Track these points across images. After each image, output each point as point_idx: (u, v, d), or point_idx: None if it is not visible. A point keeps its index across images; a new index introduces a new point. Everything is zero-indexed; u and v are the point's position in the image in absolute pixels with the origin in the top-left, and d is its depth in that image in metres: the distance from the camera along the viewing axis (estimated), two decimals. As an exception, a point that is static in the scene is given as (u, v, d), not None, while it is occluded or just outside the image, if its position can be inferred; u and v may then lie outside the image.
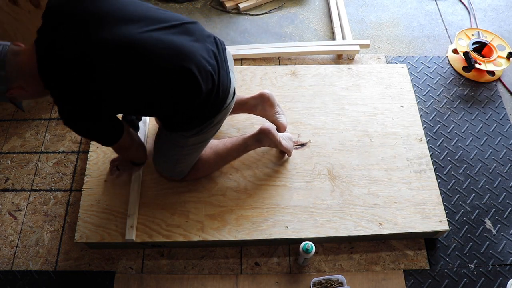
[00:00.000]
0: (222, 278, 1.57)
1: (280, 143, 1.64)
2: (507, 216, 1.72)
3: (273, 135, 1.61)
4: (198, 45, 1.27)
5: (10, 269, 1.60)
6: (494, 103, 2.04)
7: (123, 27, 1.15)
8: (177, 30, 1.24)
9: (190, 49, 1.23)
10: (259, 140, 1.62)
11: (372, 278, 1.57)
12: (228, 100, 1.39)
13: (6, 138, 1.91)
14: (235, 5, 2.45)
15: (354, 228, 1.57)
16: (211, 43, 1.33)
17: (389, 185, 1.68)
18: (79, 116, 1.19)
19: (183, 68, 1.20)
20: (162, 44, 1.18)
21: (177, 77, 1.21)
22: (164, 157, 1.55)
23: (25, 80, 1.14)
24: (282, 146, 1.66)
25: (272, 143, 1.63)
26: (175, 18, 1.27)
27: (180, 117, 1.34)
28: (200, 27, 1.34)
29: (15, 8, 1.69)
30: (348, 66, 2.05)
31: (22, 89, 1.15)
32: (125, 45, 1.14)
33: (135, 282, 1.56)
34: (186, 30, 1.26)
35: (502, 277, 1.58)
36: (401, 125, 1.84)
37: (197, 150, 1.51)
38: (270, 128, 1.60)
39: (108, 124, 1.29)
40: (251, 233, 1.56)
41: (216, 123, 1.43)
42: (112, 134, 1.31)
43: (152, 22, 1.21)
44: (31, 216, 1.71)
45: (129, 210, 1.58)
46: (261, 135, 1.60)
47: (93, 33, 1.12)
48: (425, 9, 2.46)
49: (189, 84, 1.23)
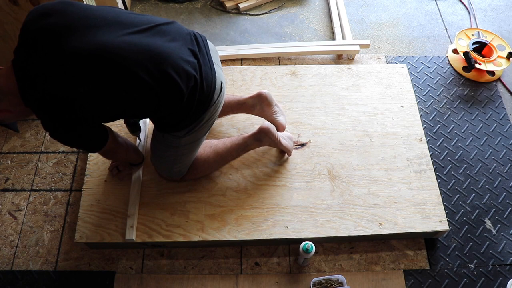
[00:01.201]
0: (222, 278, 1.57)
1: (280, 142, 1.64)
2: (507, 216, 1.72)
3: (272, 134, 1.60)
4: (174, 44, 1.25)
5: (10, 269, 1.60)
6: (494, 103, 2.04)
7: (95, 34, 1.14)
8: (150, 32, 1.23)
9: (166, 50, 1.22)
10: (259, 139, 1.61)
11: (372, 278, 1.57)
12: (216, 96, 1.37)
13: (6, 138, 1.91)
14: (235, 5, 2.45)
15: (354, 228, 1.57)
16: (189, 40, 1.31)
17: (389, 185, 1.68)
18: (63, 128, 1.19)
19: (160, 72, 1.19)
20: (136, 48, 1.17)
21: (156, 83, 1.20)
22: (160, 158, 1.55)
23: (9, 101, 1.14)
24: (282, 145, 1.66)
25: (272, 142, 1.63)
26: (149, 21, 1.25)
27: (167, 119, 1.34)
28: (177, 26, 1.32)
29: (15, 8, 1.69)
30: (348, 66, 2.05)
31: (8, 111, 1.16)
32: (98, 52, 1.13)
33: (135, 282, 1.56)
34: (160, 31, 1.25)
35: (502, 277, 1.58)
36: (401, 125, 1.84)
37: (192, 149, 1.51)
38: (269, 127, 1.60)
39: (92, 132, 1.28)
40: (251, 233, 1.56)
41: (207, 120, 1.42)
42: (97, 141, 1.31)
43: (125, 26, 1.19)
44: (31, 216, 1.71)
45: (129, 210, 1.58)
46: (261, 134, 1.60)
47: (64, 44, 1.11)
48: (425, 9, 2.46)
49: (169, 88, 1.22)
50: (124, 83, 1.17)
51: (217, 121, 1.81)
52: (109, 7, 1.26)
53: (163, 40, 1.23)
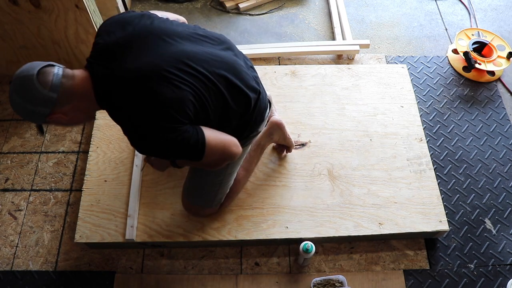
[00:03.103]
0: (222, 278, 1.57)
1: (288, 135, 1.67)
2: (507, 216, 1.72)
3: (283, 126, 1.63)
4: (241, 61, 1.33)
5: (10, 269, 1.60)
6: (494, 103, 2.04)
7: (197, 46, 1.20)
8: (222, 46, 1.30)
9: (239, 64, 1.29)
10: (271, 134, 1.63)
11: (372, 278, 1.57)
12: (267, 111, 1.42)
13: (6, 138, 1.91)
14: (235, 5, 2.44)
15: (354, 228, 1.57)
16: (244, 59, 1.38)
17: (389, 185, 1.68)
18: (156, 133, 1.09)
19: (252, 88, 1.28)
20: (219, 58, 1.22)
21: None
22: (203, 189, 1.48)
23: (74, 106, 1.11)
24: (288, 139, 1.68)
25: (282, 135, 1.65)
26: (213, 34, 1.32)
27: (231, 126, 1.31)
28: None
29: (15, 8, 1.69)
30: (348, 66, 2.05)
31: (64, 116, 1.11)
32: (219, 59, 1.20)
33: (135, 282, 1.56)
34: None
35: (502, 277, 1.58)
36: (401, 125, 1.84)
37: (237, 168, 1.51)
38: (280, 120, 1.63)
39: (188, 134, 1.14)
40: (251, 233, 1.56)
41: (255, 135, 1.44)
42: (194, 144, 1.15)
43: (204, 40, 1.24)
44: (31, 216, 1.71)
45: (129, 210, 1.58)
46: (272, 128, 1.62)
47: (163, 47, 1.14)
48: (425, 9, 2.46)
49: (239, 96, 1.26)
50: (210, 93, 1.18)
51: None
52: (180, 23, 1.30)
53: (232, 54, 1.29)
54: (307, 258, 1.52)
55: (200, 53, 1.19)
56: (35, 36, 1.84)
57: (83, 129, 1.93)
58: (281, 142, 1.70)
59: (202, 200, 1.51)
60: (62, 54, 1.94)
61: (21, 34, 1.83)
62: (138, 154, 1.71)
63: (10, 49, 1.92)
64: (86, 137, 1.90)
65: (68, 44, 1.89)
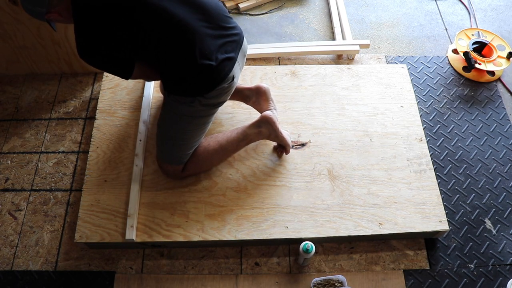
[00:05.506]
0: (222, 278, 1.57)
1: (280, 133, 1.64)
2: (507, 216, 1.72)
3: (273, 121, 1.61)
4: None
5: (10, 269, 1.60)
6: (494, 103, 2.04)
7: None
8: None
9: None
10: (259, 127, 1.62)
11: (372, 278, 1.57)
12: (224, 84, 1.44)
13: (6, 138, 1.91)
14: (235, 5, 2.45)
15: (354, 228, 1.57)
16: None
17: (389, 185, 1.68)
18: (93, 50, 1.37)
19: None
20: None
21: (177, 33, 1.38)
22: (164, 137, 1.57)
23: (64, 6, 1.32)
24: (281, 136, 1.64)
25: (273, 131, 1.62)
26: None
27: (173, 74, 1.43)
28: None
29: (15, 8, 1.69)
30: (348, 66, 2.05)
31: (59, 14, 1.34)
32: (160, 11, 1.34)
33: (135, 282, 1.56)
34: None
35: (502, 277, 1.58)
36: (401, 125, 1.84)
37: (195, 129, 1.54)
38: (271, 115, 1.62)
39: (117, 60, 1.43)
40: (251, 233, 1.56)
41: (211, 105, 1.49)
42: (124, 69, 1.45)
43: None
44: (31, 216, 1.71)
45: (129, 210, 1.58)
46: (262, 121, 1.61)
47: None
48: (425, 9, 2.46)
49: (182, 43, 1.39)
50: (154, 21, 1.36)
51: (216, 121, 1.81)
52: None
53: None
54: (307, 258, 1.52)
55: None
56: (35, 36, 1.84)
57: (83, 129, 1.93)
58: (274, 140, 1.68)
59: (163, 155, 1.60)
60: (62, 54, 1.94)
61: (21, 34, 1.83)
62: (138, 154, 1.71)
63: (10, 49, 1.92)
64: (86, 137, 1.90)
65: (68, 44, 1.89)
